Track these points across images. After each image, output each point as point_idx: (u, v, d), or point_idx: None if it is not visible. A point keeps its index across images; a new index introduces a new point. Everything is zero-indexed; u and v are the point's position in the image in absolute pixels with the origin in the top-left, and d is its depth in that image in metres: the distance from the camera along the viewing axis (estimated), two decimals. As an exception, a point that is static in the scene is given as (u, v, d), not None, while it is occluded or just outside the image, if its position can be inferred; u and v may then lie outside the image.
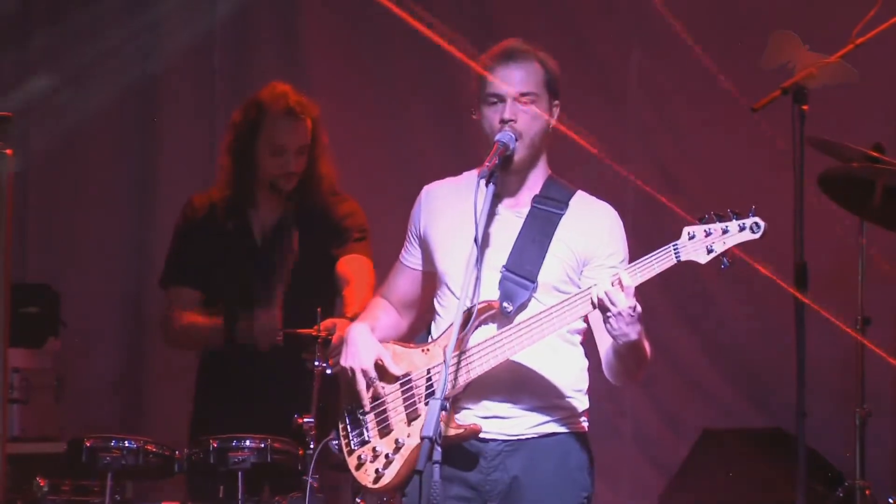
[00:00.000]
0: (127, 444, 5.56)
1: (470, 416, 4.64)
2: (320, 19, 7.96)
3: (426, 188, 4.91)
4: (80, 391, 7.71)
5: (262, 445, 5.50)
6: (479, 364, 4.58)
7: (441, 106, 7.77)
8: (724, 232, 4.43)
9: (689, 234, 4.44)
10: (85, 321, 7.71)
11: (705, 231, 4.43)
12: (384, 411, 4.72)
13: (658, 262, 4.45)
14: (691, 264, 4.47)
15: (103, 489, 5.50)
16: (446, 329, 4.65)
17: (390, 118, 7.86)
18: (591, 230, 4.70)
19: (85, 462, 5.51)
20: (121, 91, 7.89)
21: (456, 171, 4.93)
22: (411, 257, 4.90)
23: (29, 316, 7.19)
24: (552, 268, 4.65)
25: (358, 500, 5.56)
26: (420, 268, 4.89)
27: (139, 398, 7.88)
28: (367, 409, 4.73)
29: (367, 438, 4.73)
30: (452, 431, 4.58)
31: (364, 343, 4.75)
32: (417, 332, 4.91)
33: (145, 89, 7.98)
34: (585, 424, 4.75)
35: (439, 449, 4.27)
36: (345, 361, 4.76)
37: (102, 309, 7.88)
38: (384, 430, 4.71)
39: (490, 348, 4.57)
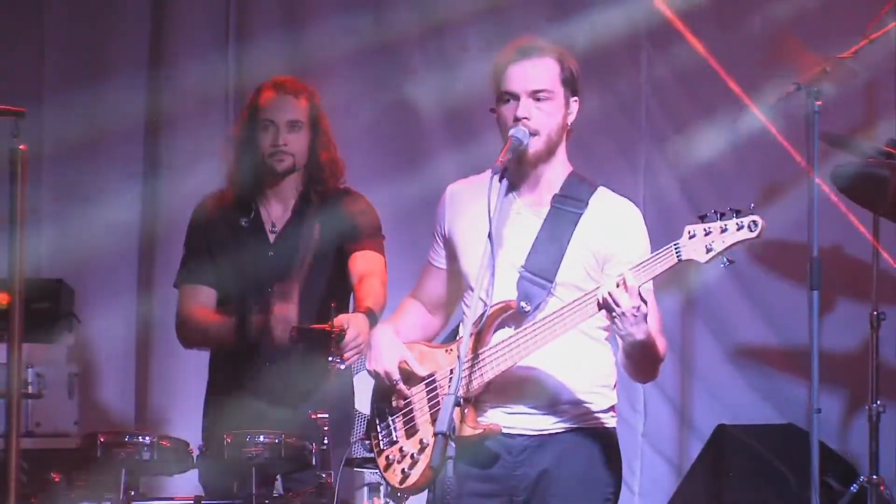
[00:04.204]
0: (141, 440, 5.55)
1: (496, 413, 4.64)
2: (326, 18, 7.96)
3: (450, 187, 4.89)
4: (94, 386, 7.74)
5: (276, 441, 5.48)
6: (493, 365, 4.57)
7: (451, 105, 7.76)
8: (723, 231, 4.37)
9: (689, 233, 4.40)
10: (99, 317, 7.71)
11: (705, 230, 4.38)
12: (411, 412, 4.72)
13: (660, 261, 4.42)
14: (697, 264, 4.45)
15: (117, 484, 5.50)
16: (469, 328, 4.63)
17: (399, 117, 7.85)
18: (611, 228, 4.67)
19: (99, 457, 5.50)
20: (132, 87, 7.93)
21: (467, 170, 4.91)
22: (438, 257, 4.89)
23: (43, 311, 7.20)
24: (570, 268, 4.63)
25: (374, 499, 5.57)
26: (447, 267, 4.87)
27: (152, 393, 7.89)
28: (394, 410, 4.74)
29: (394, 439, 4.74)
30: (473, 430, 4.57)
31: (387, 346, 4.75)
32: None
33: (157, 86, 7.99)
34: (613, 420, 4.74)
35: (453, 444, 4.27)
36: (369, 365, 4.76)
37: (117, 304, 7.89)
38: (410, 431, 4.71)
39: (503, 350, 4.57)
